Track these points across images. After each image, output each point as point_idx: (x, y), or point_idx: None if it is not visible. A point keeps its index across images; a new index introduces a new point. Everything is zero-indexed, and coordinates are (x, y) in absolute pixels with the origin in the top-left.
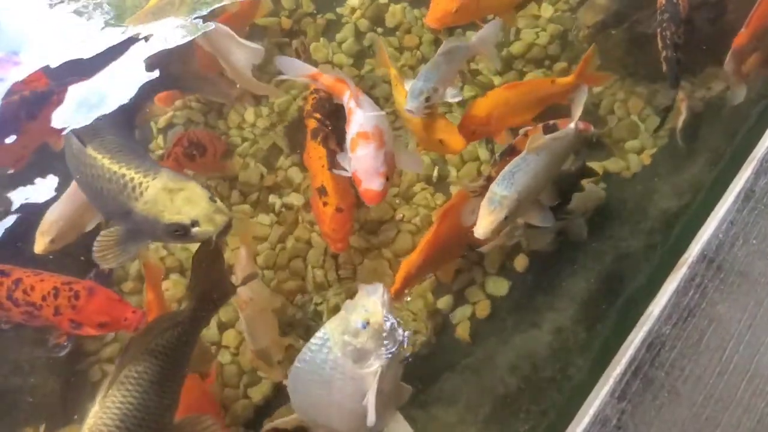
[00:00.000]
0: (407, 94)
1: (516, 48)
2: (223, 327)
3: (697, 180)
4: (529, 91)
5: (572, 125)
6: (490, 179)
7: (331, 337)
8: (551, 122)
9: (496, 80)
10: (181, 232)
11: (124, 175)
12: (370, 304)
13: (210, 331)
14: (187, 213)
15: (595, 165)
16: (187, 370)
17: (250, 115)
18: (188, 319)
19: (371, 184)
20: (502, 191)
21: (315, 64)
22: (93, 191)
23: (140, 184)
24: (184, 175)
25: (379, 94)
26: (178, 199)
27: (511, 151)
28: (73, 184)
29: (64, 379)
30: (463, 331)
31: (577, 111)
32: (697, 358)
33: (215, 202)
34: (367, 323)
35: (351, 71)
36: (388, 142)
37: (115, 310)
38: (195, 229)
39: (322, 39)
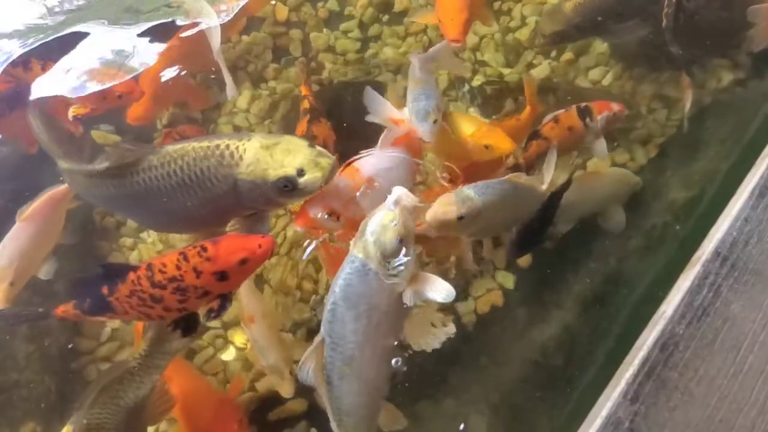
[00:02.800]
0: (414, 120)
1: (523, 34)
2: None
3: (710, 176)
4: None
5: (544, 186)
6: (517, 167)
7: (371, 262)
8: (583, 104)
9: (505, 71)
10: (289, 186)
11: (218, 146)
12: (397, 217)
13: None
14: (290, 164)
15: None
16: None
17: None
18: (141, 364)
19: (310, 206)
20: (471, 193)
21: (315, 53)
22: (186, 188)
23: (237, 148)
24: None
25: (382, 80)
26: (278, 152)
27: (536, 136)
28: (16, 226)
29: (60, 378)
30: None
31: (549, 173)
32: (711, 359)
33: (314, 147)
34: (401, 238)
35: (356, 56)
36: (368, 197)
37: (246, 242)
38: (302, 179)
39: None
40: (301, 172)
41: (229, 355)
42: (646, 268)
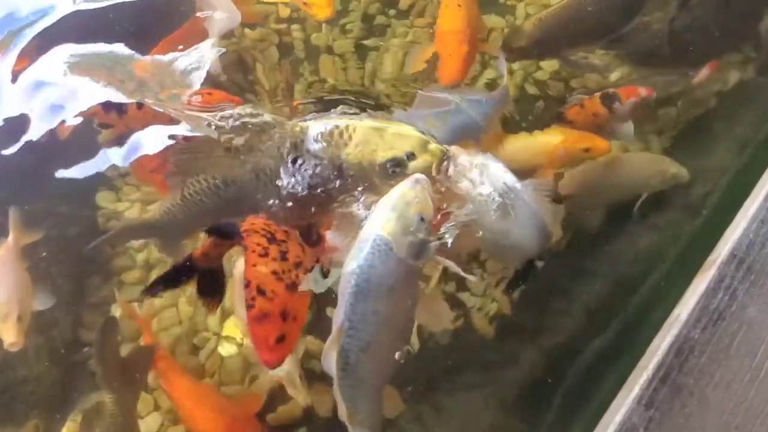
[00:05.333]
0: None
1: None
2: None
3: (723, 175)
4: None
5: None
6: None
7: (393, 242)
8: (611, 91)
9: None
10: (397, 170)
11: (328, 124)
12: (419, 195)
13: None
14: (400, 146)
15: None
16: None
17: None
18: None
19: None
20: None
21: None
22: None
23: (347, 128)
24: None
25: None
26: (388, 135)
27: (559, 118)
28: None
29: (64, 369)
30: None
31: None
32: (727, 364)
33: (424, 133)
34: (422, 217)
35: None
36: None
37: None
38: (413, 163)
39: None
40: (410, 156)
41: (226, 350)
42: (660, 268)
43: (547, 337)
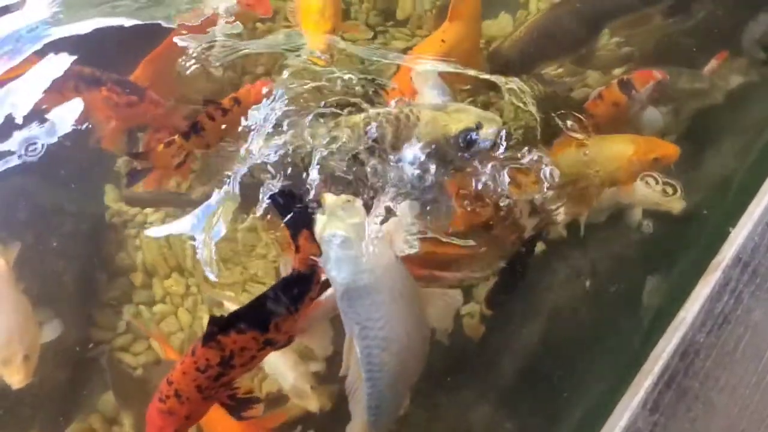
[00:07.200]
0: None
1: None
2: None
3: (728, 176)
4: None
5: None
6: None
7: (345, 232)
8: (625, 78)
9: None
10: (469, 140)
11: (389, 111)
12: (334, 195)
13: None
14: (467, 119)
15: None
16: None
17: None
18: None
19: None
20: None
21: None
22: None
23: (412, 111)
24: None
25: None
26: (451, 112)
27: (581, 113)
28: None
29: (75, 368)
30: (472, 330)
31: None
32: (733, 368)
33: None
34: (349, 199)
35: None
36: None
37: None
38: (482, 132)
39: None
40: (480, 125)
41: None
42: (665, 271)
43: (548, 338)
